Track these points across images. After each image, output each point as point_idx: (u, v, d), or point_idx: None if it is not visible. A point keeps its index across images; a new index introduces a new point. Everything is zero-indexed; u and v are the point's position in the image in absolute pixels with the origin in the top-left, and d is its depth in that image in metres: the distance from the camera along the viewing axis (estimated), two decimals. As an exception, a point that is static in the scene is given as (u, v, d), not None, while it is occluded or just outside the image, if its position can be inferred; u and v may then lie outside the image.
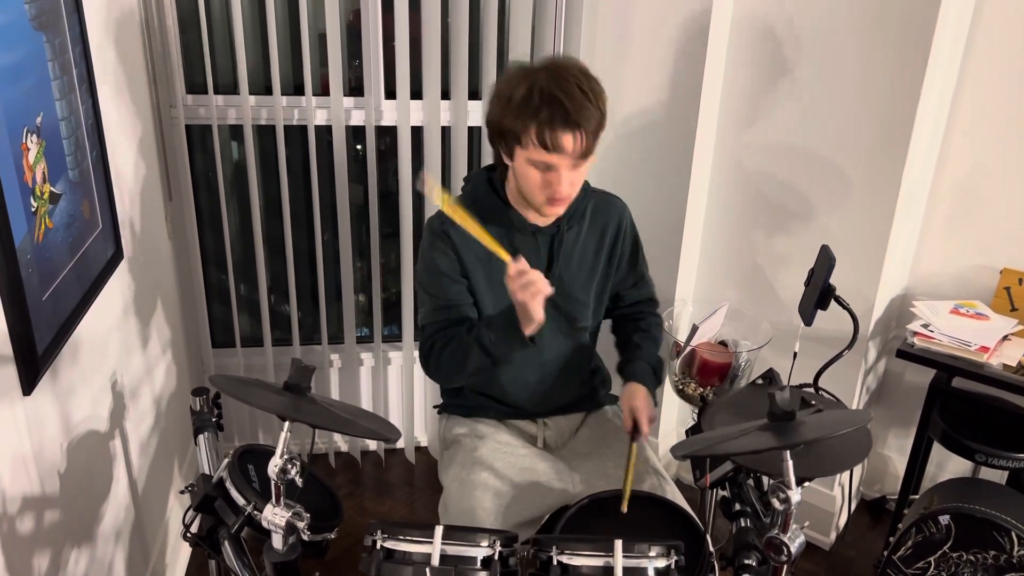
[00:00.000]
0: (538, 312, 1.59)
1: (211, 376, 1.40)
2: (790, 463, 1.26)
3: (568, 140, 1.58)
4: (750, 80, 2.42)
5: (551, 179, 1.63)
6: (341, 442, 3.10)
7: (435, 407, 2.09)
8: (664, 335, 2.08)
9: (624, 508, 1.64)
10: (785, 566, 1.32)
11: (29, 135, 1.46)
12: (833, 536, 2.65)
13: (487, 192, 1.78)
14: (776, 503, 1.28)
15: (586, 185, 1.82)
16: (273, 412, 1.29)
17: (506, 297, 1.73)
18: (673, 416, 2.93)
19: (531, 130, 1.58)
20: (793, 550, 1.30)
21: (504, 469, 1.78)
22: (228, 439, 2.93)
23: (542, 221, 1.79)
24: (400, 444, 3.12)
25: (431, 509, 2.78)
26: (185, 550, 2.52)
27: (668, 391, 2.62)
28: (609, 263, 1.90)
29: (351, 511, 2.78)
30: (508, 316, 1.67)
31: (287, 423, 1.31)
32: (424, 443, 3.15)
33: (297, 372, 1.37)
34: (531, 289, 1.56)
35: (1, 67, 1.37)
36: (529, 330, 1.64)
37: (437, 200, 1.66)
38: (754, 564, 1.48)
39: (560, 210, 1.73)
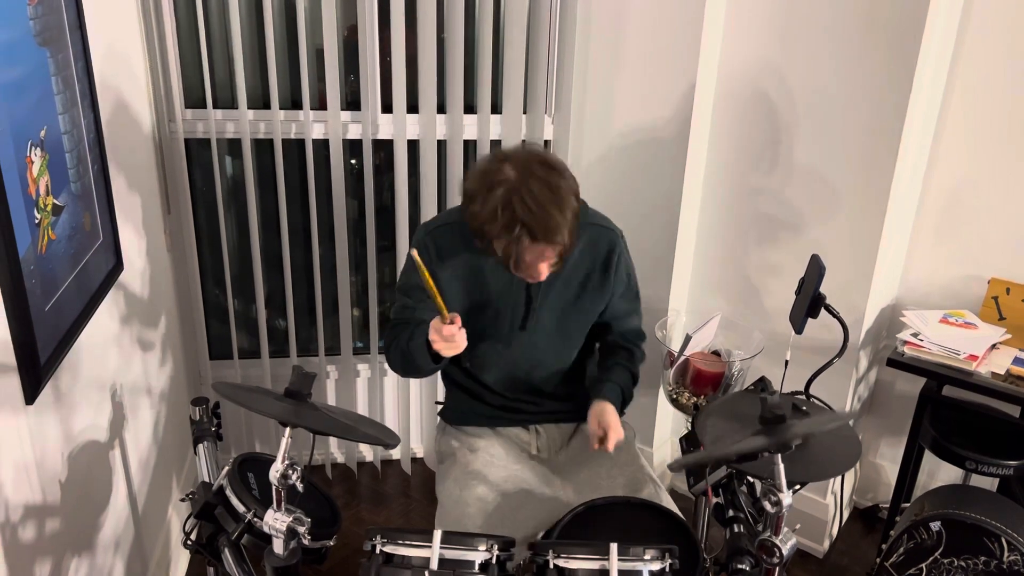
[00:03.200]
0: (447, 355, 1.70)
1: (214, 383, 1.42)
2: (781, 466, 1.29)
3: (540, 253, 1.64)
4: (740, 94, 2.45)
5: (526, 269, 1.69)
6: (337, 453, 3.12)
7: (437, 403, 2.13)
8: (659, 345, 2.10)
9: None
10: (777, 568, 1.35)
11: (33, 148, 1.49)
12: (826, 544, 2.67)
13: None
14: (768, 506, 1.30)
15: (584, 210, 1.77)
16: (275, 418, 1.32)
17: (485, 321, 1.80)
18: (667, 426, 2.95)
19: (507, 244, 1.62)
20: (785, 552, 1.32)
21: (498, 483, 1.80)
22: (224, 450, 2.94)
23: None
24: (396, 455, 3.14)
25: (427, 519, 2.79)
26: (183, 559, 2.53)
27: (662, 400, 2.65)
28: (597, 294, 1.90)
29: (348, 522, 2.79)
30: (424, 336, 1.72)
31: (288, 429, 1.34)
32: (420, 454, 3.17)
33: (298, 379, 1.39)
34: (451, 344, 1.66)
35: (7, 82, 1.39)
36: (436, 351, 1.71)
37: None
38: (747, 568, 1.50)
39: (542, 279, 1.75)
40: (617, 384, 1.92)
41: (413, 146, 2.69)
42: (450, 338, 1.65)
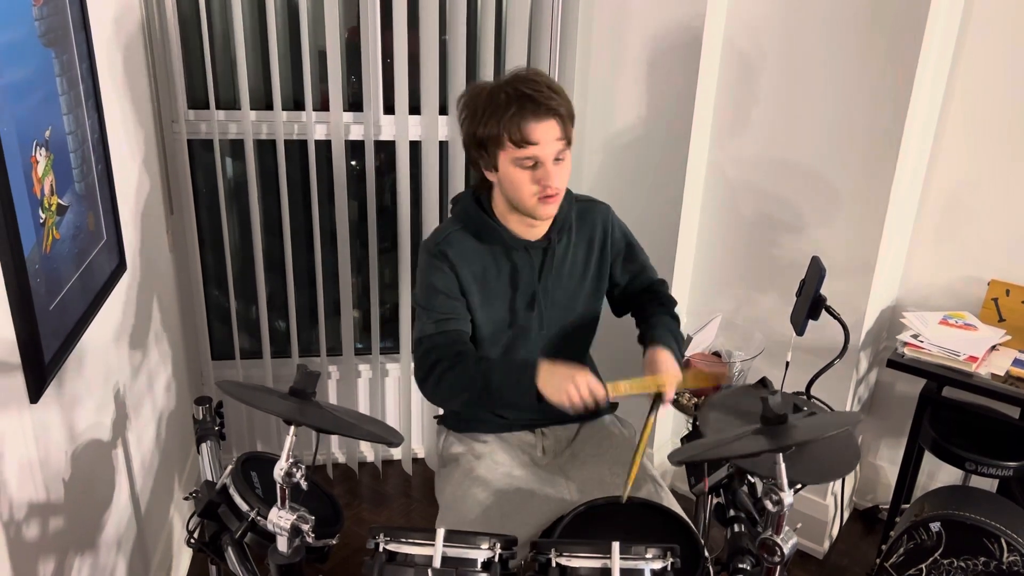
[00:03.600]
0: (554, 399, 1.62)
1: (219, 381, 1.43)
2: (782, 465, 1.29)
3: (544, 128, 1.64)
4: (742, 95, 2.46)
5: (539, 176, 1.68)
6: (339, 453, 3.12)
7: (435, 417, 2.11)
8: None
9: (627, 488, 1.65)
10: (778, 567, 1.35)
11: (38, 148, 1.50)
12: (827, 545, 2.68)
13: (476, 212, 1.81)
14: (769, 505, 1.31)
15: (569, 193, 1.85)
16: (280, 416, 1.32)
17: (501, 313, 1.77)
18: (668, 426, 2.96)
19: (506, 128, 1.63)
20: (786, 551, 1.33)
21: (500, 488, 1.80)
22: (226, 450, 2.94)
23: (532, 235, 1.82)
24: (397, 455, 3.14)
25: (428, 519, 2.79)
26: (185, 558, 2.54)
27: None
28: (600, 267, 1.92)
29: (349, 522, 2.79)
30: (526, 373, 1.66)
31: (293, 427, 1.34)
32: (421, 454, 3.18)
33: (303, 377, 1.39)
34: (578, 404, 1.60)
35: (12, 82, 1.40)
36: (546, 395, 1.65)
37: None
38: (748, 568, 1.51)
39: (553, 209, 1.75)
40: (665, 328, 1.87)
41: (415, 147, 2.70)
42: (584, 397, 1.60)
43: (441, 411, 2.09)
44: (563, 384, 1.61)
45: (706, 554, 1.55)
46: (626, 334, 2.00)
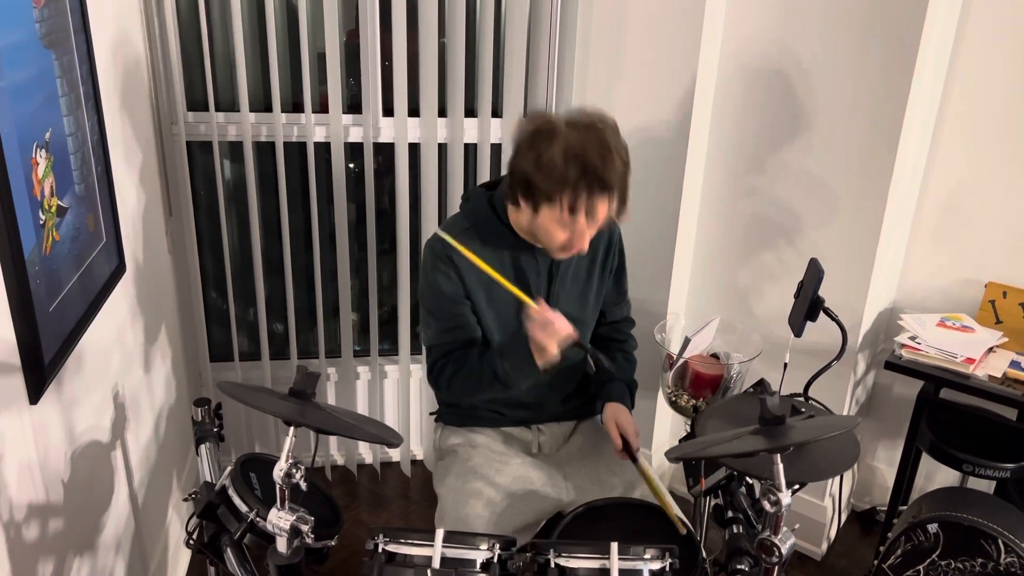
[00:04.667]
0: (553, 351, 1.63)
1: (218, 383, 1.43)
2: (780, 466, 1.30)
3: (602, 206, 1.62)
4: (740, 100, 2.47)
5: (575, 236, 1.67)
6: (337, 455, 3.13)
7: (431, 414, 2.12)
8: (658, 348, 2.12)
9: (681, 529, 1.67)
10: (776, 568, 1.35)
11: (38, 150, 1.50)
12: (824, 547, 2.68)
13: (488, 213, 1.81)
14: (767, 505, 1.31)
15: None
16: (280, 417, 1.32)
17: (508, 316, 1.78)
18: (666, 428, 2.96)
19: (565, 197, 1.60)
20: (784, 551, 1.33)
21: (498, 478, 1.81)
22: (225, 451, 2.94)
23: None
24: (395, 457, 3.15)
25: (427, 521, 2.80)
26: (184, 560, 2.54)
27: (661, 403, 2.66)
28: (601, 279, 1.94)
29: (347, 523, 2.79)
30: (522, 348, 1.69)
31: (292, 428, 1.35)
32: (420, 456, 3.18)
33: (303, 378, 1.40)
34: (549, 330, 1.61)
35: (13, 84, 1.40)
36: (542, 364, 1.68)
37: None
38: (746, 568, 1.51)
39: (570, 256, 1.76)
40: (622, 381, 1.97)
41: (414, 149, 2.70)
42: (548, 325, 1.61)
43: (436, 407, 2.10)
44: (539, 346, 1.64)
45: (704, 555, 1.56)
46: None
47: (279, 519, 1.38)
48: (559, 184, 1.58)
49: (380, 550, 1.35)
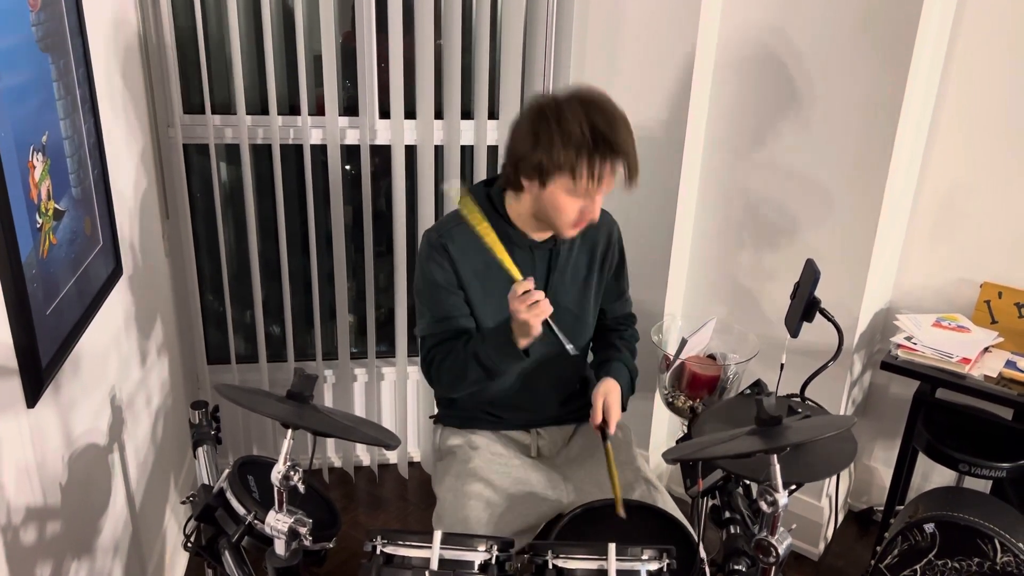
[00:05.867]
0: (536, 329, 1.64)
1: (216, 385, 1.43)
2: (777, 466, 1.30)
3: (610, 172, 1.65)
4: (736, 100, 2.48)
5: (585, 207, 1.69)
6: (335, 457, 3.12)
7: (431, 417, 2.12)
8: (655, 349, 2.12)
9: (620, 512, 1.67)
10: (773, 568, 1.36)
11: (35, 153, 1.50)
12: (822, 547, 2.69)
13: (487, 207, 1.81)
14: (764, 506, 1.32)
15: None
16: (278, 419, 1.33)
17: (503, 309, 1.78)
18: (663, 429, 2.97)
19: (579, 167, 1.61)
20: (781, 552, 1.34)
21: (498, 480, 1.81)
22: (222, 454, 2.94)
23: (539, 236, 1.83)
24: (393, 459, 3.15)
25: (425, 523, 2.79)
26: (181, 562, 2.54)
27: (658, 404, 2.67)
28: (600, 276, 1.94)
29: (345, 525, 2.79)
30: (503, 330, 1.70)
31: (290, 430, 1.35)
32: (417, 458, 3.18)
33: (300, 381, 1.40)
34: (535, 309, 1.61)
35: (10, 87, 1.40)
36: (524, 343, 1.68)
37: (461, 205, 1.70)
38: (744, 569, 1.52)
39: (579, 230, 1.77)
40: (622, 363, 1.96)
41: (411, 151, 2.70)
42: (534, 303, 1.61)
43: (436, 410, 2.10)
44: (519, 320, 1.63)
45: (702, 555, 1.56)
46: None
47: (277, 521, 1.38)
48: (570, 155, 1.61)
49: (378, 552, 1.35)
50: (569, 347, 1.67)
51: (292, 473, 1.36)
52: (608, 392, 1.85)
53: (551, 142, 1.61)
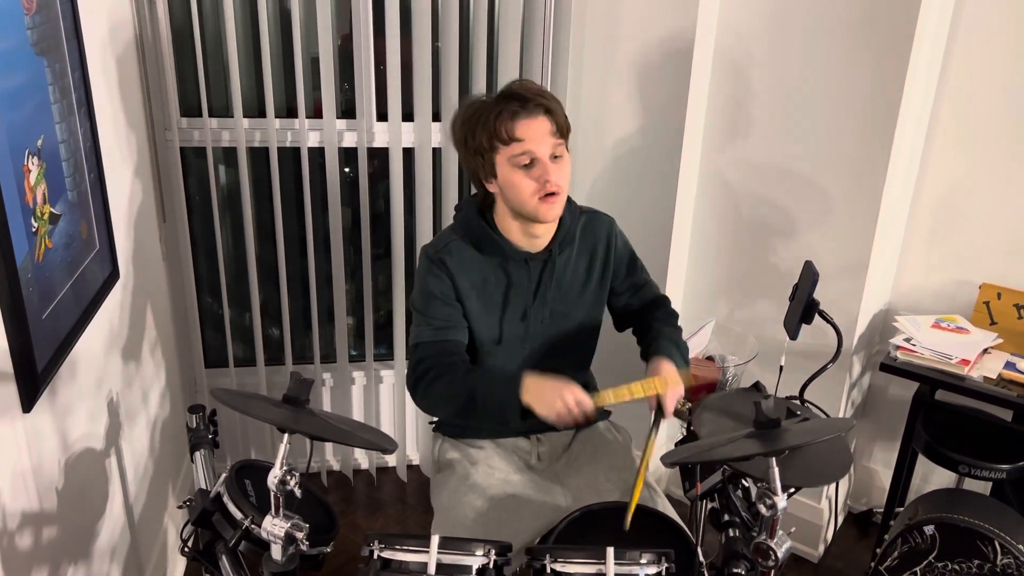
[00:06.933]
0: (547, 415, 1.62)
1: (212, 389, 1.43)
2: (775, 469, 1.30)
3: (534, 124, 1.66)
4: (733, 102, 2.47)
5: (537, 173, 1.68)
6: (333, 461, 3.12)
7: (430, 423, 2.11)
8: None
9: (627, 522, 1.63)
10: (772, 571, 1.35)
11: (30, 157, 1.50)
12: (821, 549, 2.68)
13: (478, 222, 1.81)
14: (763, 509, 1.31)
15: (574, 205, 1.86)
16: (274, 424, 1.32)
17: (499, 324, 1.77)
18: (663, 432, 2.96)
19: (495, 127, 1.66)
20: (780, 555, 1.33)
21: (495, 494, 1.79)
22: (220, 458, 2.94)
23: (534, 247, 1.83)
24: (392, 462, 3.14)
25: (423, 526, 2.79)
26: (179, 567, 2.53)
27: (657, 406, 2.66)
28: (603, 278, 1.93)
29: (344, 529, 2.79)
30: (512, 383, 1.66)
31: (286, 435, 1.34)
32: (416, 461, 3.17)
33: (296, 385, 1.40)
34: (570, 414, 1.60)
35: (4, 91, 1.40)
36: (527, 404, 1.65)
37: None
38: (743, 572, 1.51)
39: (557, 210, 1.74)
40: (667, 338, 1.88)
41: (408, 154, 2.70)
42: (579, 410, 1.60)
43: (435, 419, 2.09)
44: (550, 398, 1.61)
45: (701, 559, 1.55)
46: (628, 348, 2.00)
47: (273, 527, 1.38)
48: (486, 123, 1.67)
49: (375, 556, 1.34)
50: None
51: (289, 478, 1.36)
52: (659, 369, 1.76)
53: (473, 123, 1.69)
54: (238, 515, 1.56)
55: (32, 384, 1.47)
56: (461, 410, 1.75)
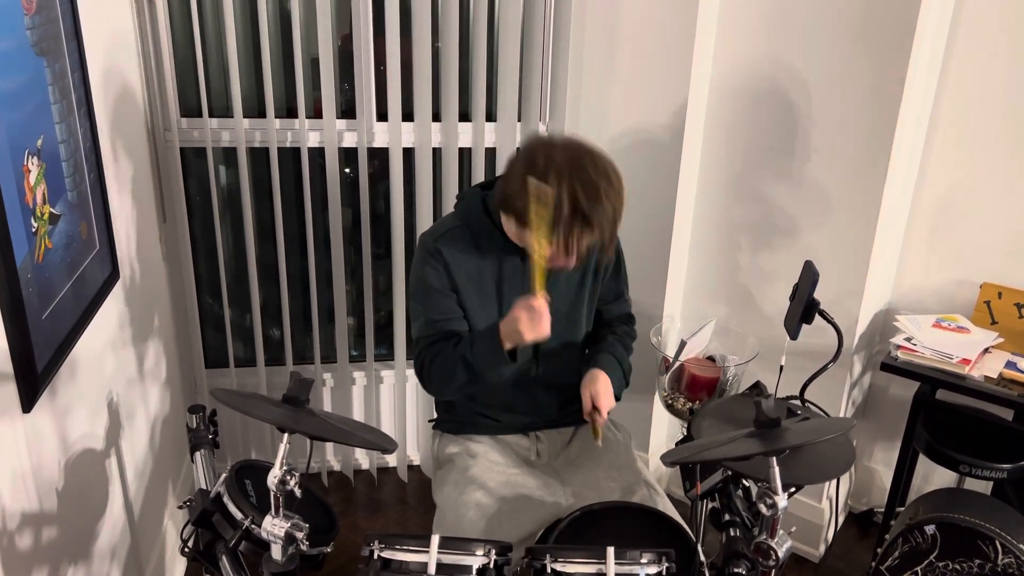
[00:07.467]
0: (526, 340, 1.65)
1: (212, 389, 1.43)
2: (776, 469, 1.30)
3: (584, 243, 1.62)
4: (734, 103, 2.47)
5: (559, 261, 1.67)
6: (334, 461, 3.12)
7: (430, 421, 2.11)
8: (654, 351, 2.11)
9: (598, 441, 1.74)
10: (773, 571, 1.35)
11: (30, 157, 1.50)
12: (822, 549, 2.68)
13: (480, 213, 1.81)
14: (764, 508, 1.31)
15: None
16: (274, 423, 1.32)
17: (497, 314, 1.77)
18: (663, 432, 2.96)
19: (555, 232, 1.59)
20: (780, 554, 1.33)
21: (496, 488, 1.80)
22: (220, 458, 2.94)
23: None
24: (392, 462, 3.14)
25: (424, 527, 2.79)
26: (179, 567, 2.53)
27: (658, 406, 2.66)
28: (596, 279, 1.93)
29: (344, 529, 2.79)
30: (491, 333, 1.72)
31: (286, 435, 1.34)
32: (416, 461, 3.17)
33: (296, 385, 1.39)
34: (536, 326, 1.62)
35: (4, 91, 1.40)
36: (509, 346, 1.70)
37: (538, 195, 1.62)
38: (744, 572, 1.51)
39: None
40: (613, 355, 1.93)
41: (408, 154, 2.70)
42: (539, 317, 1.61)
43: (435, 415, 2.10)
44: (515, 326, 1.64)
45: (701, 558, 1.55)
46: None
47: (273, 527, 1.38)
48: (547, 226, 1.59)
49: (376, 556, 1.34)
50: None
51: (288, 478, 1.36)
52: (594, 380, 1.84)
53: (534, 207, 1.59)
54: (238, 515, 1.56)
55: (32, 384, 1.47)
56: (465, 379, 1.79)
